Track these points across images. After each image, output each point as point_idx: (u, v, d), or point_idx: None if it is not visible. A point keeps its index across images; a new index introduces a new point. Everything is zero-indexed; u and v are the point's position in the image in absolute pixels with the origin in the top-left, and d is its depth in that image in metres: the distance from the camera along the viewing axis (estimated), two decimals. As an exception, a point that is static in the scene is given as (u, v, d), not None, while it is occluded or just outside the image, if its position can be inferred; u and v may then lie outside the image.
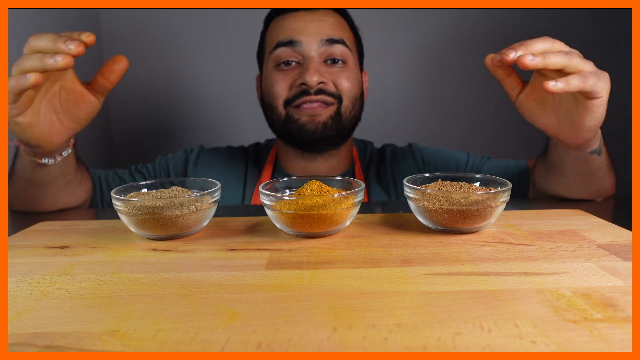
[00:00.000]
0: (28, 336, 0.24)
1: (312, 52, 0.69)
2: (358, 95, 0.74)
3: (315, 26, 0.69)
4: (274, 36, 0.71)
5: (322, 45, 0.69)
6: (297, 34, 0.69)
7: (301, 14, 0.70)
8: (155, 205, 0.39)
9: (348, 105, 0.71)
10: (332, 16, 0.72)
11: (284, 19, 0.71)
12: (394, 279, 0.31)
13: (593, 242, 0.38)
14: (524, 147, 1.26)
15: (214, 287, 0.30)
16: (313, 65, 0.68)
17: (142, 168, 0.78)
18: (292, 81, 0.70)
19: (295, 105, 0.70)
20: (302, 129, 0.70)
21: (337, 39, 0.70)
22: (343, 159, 0.78)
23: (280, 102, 0.70)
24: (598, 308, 0.26)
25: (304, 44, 0.68)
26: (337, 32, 0.70)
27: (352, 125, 0.74)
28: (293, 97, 0.69)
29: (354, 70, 0.73)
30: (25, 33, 0.42)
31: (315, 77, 0.67)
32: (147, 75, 1.29)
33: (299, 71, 0.70)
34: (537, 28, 1.30)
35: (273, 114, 0.72)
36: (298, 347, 0.23)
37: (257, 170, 0.79)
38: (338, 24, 0.72)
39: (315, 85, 0.67)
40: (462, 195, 0.39)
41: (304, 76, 0.67)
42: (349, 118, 0.72)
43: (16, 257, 0.38)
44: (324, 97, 0.69)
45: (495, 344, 0.23)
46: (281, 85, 0.70)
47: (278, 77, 0.70)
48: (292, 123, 0.70)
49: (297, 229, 0.40)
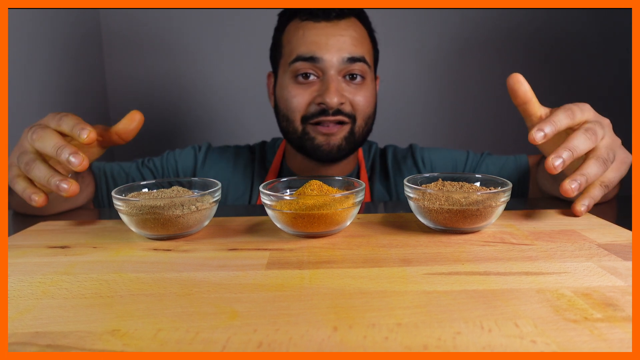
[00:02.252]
0: (29, 335, 0.24)
1: (333, 69, 0.68)
2: (372, 113, 0.74)
3: (337, 42, 0.68)
4: (293, 46, 0.70)
5: (343, 63, 0.69)
6: (318, 49, 0.68)
7: (322, 26, 0.69)
8: (156, 205, 0.39)
9: (361, 124, 0.72)
10: (353, 28, 0.70)
11: (304, 29, 0.70)
12: (395, 278, 0.31)
13: (593, 242, 0.38)
14: (524, 147, 1.26)
15: (214, 286, 0.30)
16: (334, 85, 0.68)
17: (149, 163, 0.77)
18: (311, 98, 0.69)
19: (312, 122, 0.70)
20: (317, 149, 0.71)
21: (358, 57, 0.69)
22: (350, 161, 0.79)
23: (298, 116, 0.71)
24: (598, 308, 0.26)
25: (326, 61, 0.68)
26: (358, 49, 0.70)
27: (363, 140, 0.75)
28: (312, 115, 0.70)
29: (370, 87, 0.73)
30: (26, 33, 0.43)
31: (336, 99, 0.67)
32: (147, 75, 1.29)
33: (318, 87, 0.69)
34: (537, 28, 1.30)
35: (289, 126, 0.73)
36: (298, 346, 0.23)
37: (263, 169, 0.80)
38: (359, 37, 0.71)
39: (335, 107, 0.68)
40: (462, 195, 0.39)
41: (324, 96, 0.67)
42: (361, 136, 0.73)
43: (17, 256, 0.38)
44: (340, 117, 0.69)
45: (495, 343, 0.23)
46: (299, 101, 0.70)
47: (297, 91, 0.70)
48: (308, 140, 0.71)
49: (298, 228, 0.40)
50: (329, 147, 0.71)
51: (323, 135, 0.70)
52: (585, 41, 1.31)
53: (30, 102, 0.94)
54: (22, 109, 0.91)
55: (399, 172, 0.78)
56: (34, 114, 0.95)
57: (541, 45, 1.31)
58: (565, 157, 0.40)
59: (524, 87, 0.45)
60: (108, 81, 1.29)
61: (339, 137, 0.71)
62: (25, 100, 0.92)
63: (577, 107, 0.44)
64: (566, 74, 1.33)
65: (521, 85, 0.45)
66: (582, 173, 0.42)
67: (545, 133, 0.41)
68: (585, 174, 0.42)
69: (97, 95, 1.25)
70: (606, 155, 0.44)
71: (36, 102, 0.97)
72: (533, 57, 1.32)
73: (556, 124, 0.42)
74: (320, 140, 0.71)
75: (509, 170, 0.73)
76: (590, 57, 1.33)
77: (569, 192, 0.41)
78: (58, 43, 1.06)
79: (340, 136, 0.71)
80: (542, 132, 0.41)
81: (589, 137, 0.42)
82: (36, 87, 0.97)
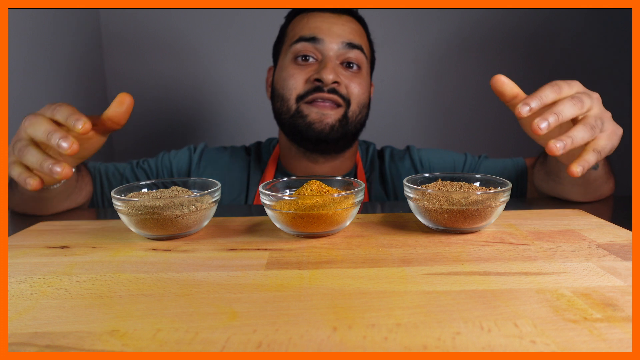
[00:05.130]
0: (28, 336, 0.24)
1: (332, 51, 0.71)
2: (366, 103, 0.75)
3: (338, 29, 0.71)
4: (296, 30, 0.73)
5: (342, 47, 0.71)
6: (320, 32, 0.71)
7: (327, 15, 0.73)
8: (156, 205, 0.39)
9: (355, 110, 0.73)
10: (354, 23, 0.74)
11: (309, 17, 0.73)
12: (394, 278, 0.31)
13: (593, 242, 0.38)
14: (523, 149, 1.26)
15: (214, 286, 0.30)
16: (331, 64, 0.70)
17: (144, 164, 0.78)
18: (308, 77, 0.71)
19: (307, 101, 0.71)
20: (309, 127, 0.71)
21: (356, 44, 0.72)
22: (346, 160, 0.79)
23: (294, 95, 0.71)
24: (598, 308, 0.26)
25: (326, 43, 0.70)
26: (357, 38, 0.73)
27: (356, 130, 0.75)
28: (306, 92, 0.71)
29: (365, 78, 0.75)
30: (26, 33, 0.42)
31: (331, 76, 0.68)
32: (147, 75, 1.29)
33: (315, 68, 0.71)
34: (536, 29, 1.30)
35: (282, 105, 0.73)
36: (298, 346, 0.23)
37: (259, 170, 0.79)
38: (359, 31, 0.74)
39: (330, 84, 0.69)
40: (462, 195, 0.39)
41: (320, 72, 0.69)
42: (354, 122, 0.73)
43: (16, 257, 0.38)
44: (335, 97, 0.70)
45: (495, 343, 0.23)
46: (297, 79, 0.71)
47: (294, 70, 0.72)
48: (301, 118, 0.71)
49: (297, 228, 0.40)
50: (322, 126, 0.71)
51: (317, 114, 0.71)
52: (584, 41, 1.31)
53: (30, 102, 0.94)
54: (22, 108, 0.91)
55: (397, 172, 0.79)
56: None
57: (539, 46, 1.31)
58: (551, 121, 0.41)
59: (509, 85, 0.46)
60: (108, 81, 1.29)
61: (333, 118, 0.71)
62: (26, 100, 0.92)
63: (565, 82, 0.45)
64: (565, 74, 1.33)
65: (505, 85, 0.46)
66: (569, 135, 0.42)
67: (530, 107, 0.41)
68: (571, 136, 0.42)
69: (97, 95, 1.25)
70: (594, 122, 0.44)
71: (36, 102, 0.96)
72: (531, 58, 1.32)
73: (542, 98, 0.42)
74: (313, 117, 0.71)
75: (508, 173, 0.73)
76: (590, 57, 1.33)
77: (554, 150, 0.41)
78: (58, 43, 1.06)
79: (334, 117, 0.71)
80: (527, 105, 0.41)
81: (575, 103, 0.43)
82: (36, 87, 0.97)
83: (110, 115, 0.48)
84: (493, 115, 1.34)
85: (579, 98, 0.43)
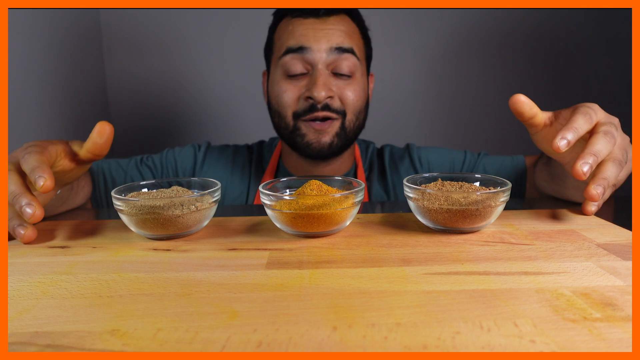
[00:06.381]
0: (29, 335, 0.24)
1: (321, 62, 0.69)
2: (363, 107, 0.74)
3: (325, 34, 0.69)
4: (283, 40, 0.71)
5: (331, 53, 0.69)
6: (307, 40, 0.68)
7: (311, 22, 0.70)
8: (156, 205, 0.39)
9: (352, 118, 0.72)
10: (342, 24, 0.71)
11: (293, 24, 0.70)
12: (394, 278, 0.31)
13: (592, 241, 0.38)
14: (523, 147, 1.26)
15: (214, 286, 0.30)
16: (321, 79, 0.68)
17: (148, 160, 0.77)
18: (300, 93, 0.70)
19: (303, 119, 0.70)
20: (308, 146, 0.71)
21: (346, 47, 0.69)
22: (346, 160, 0.79)
23: (289, 112, 0.71)
24: (597, 307, 0.26)
25: (314, 52, 0.68)
26: (346, 41, 0.70)
27: (355, 135, 0.75)
28: (303, 111, 0.70)
29: (360, 82, 0.73)
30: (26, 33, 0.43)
31: (323, 93, 0.67)
32: (147, 75, 1.29)
33: (307, 82, 0.70)
34: (536, 28, 1.30)
35: (281, 122, 0.73)
36: (298, 346, 0.23)
37: (260, 169, 0.80)
38: (348, 31, 0.71)
39: (323, 101, 0.68)
40: (462, 195, 0.40)
41: (311, 90, 0.67)
42: (352, 130, 0.73)
43: (17, 256, 0.38)
44: (329, 113, 0.69)
45: (494, 343, 0.23)
46: (289, 96, 0.70)
47: (287, 86, 0.71)
48: (299, 137, 0.71)
49: (297, 228, 0.40)
50: (320, 145, 0.71)
51: (315, 132, 0.70)
52: (584, 41, 1.31)
53: (30, 102, 0.94)
54: (22, 108, 0.91)
55: (396, 171, 0.79)
56: (34, 113, 0.95)
57: (540, 45, 1.31)
58: (591, 163, 0.40)
59: (528, 104, 0.45)
60: (108, 81, 1.29)
61: (330, 134, 0.71)
62: (26, 100, 0.92)
63: (590, 109, 0.44)
64: (565, 74, 1.33)
65: (524, 105, 0.45)
66: (604, 177, 0.42)
67: (568, 140, 0.41)
68: (606, 177, 0.42)
69: (97, 95, 1.25)
70: (621, 157, 0.44)
71: (36, 102, 0.97)
72: (531, 57, 1.32)
73: (577, 130, 0.42)
74: (310, 137, 0.71)
75: (507, 170, 0.73)
76: (590, 57, 1.33)
77: (595, 197, 0.41)
78: (58, 43, 1.06)
79: (331, 133, 0.71)
80: (565, 140, 0.40)
81: (609, 140, 0.42)
82: (36, 87, 0.97)
83: (89, 149, 0.46)
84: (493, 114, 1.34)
85: (611, 134, 0.43)
